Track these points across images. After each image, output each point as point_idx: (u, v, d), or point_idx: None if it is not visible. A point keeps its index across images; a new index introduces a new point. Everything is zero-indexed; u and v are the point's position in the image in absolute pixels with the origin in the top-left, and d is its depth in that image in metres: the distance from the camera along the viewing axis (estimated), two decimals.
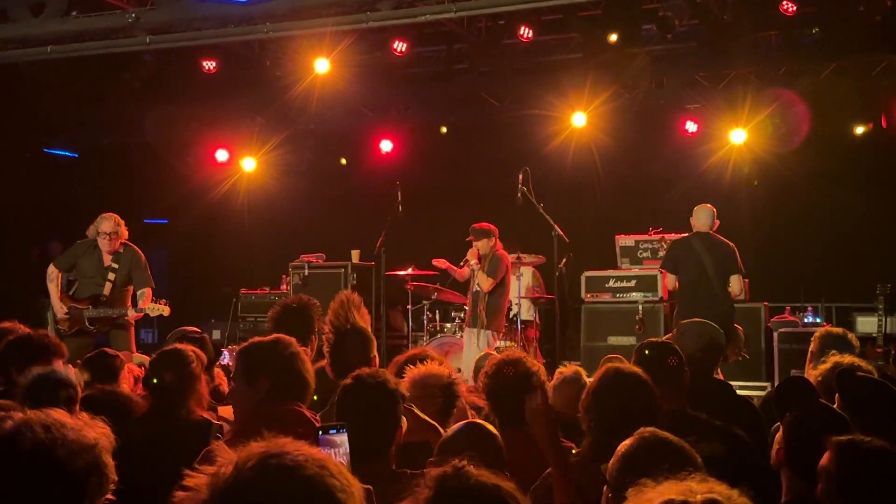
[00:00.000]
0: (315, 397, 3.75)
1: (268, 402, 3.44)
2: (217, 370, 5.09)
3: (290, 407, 3.42)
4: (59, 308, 7.60)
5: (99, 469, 1.85)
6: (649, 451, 2.40)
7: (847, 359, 3.86)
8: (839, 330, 5.32)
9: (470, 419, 3.64)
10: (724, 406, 4.00)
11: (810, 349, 4.84)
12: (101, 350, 5.13)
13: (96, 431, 1.90)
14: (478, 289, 8.66)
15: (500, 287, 8.69)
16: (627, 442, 2.50)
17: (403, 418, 3.15)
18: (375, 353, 4.14)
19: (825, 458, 2.59)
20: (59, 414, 1.88)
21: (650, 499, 1.76)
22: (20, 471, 1.80)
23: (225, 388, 4.82)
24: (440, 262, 9.00)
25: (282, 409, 3.37)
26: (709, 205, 7.87)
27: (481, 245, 8.62)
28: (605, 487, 2.47)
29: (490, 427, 3.09)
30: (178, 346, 4.05)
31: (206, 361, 4.03)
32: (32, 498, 1.79)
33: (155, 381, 3.84)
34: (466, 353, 8.56)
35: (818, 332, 5.04)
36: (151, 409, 3.84)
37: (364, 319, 4.18)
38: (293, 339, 3.64)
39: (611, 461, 2.48)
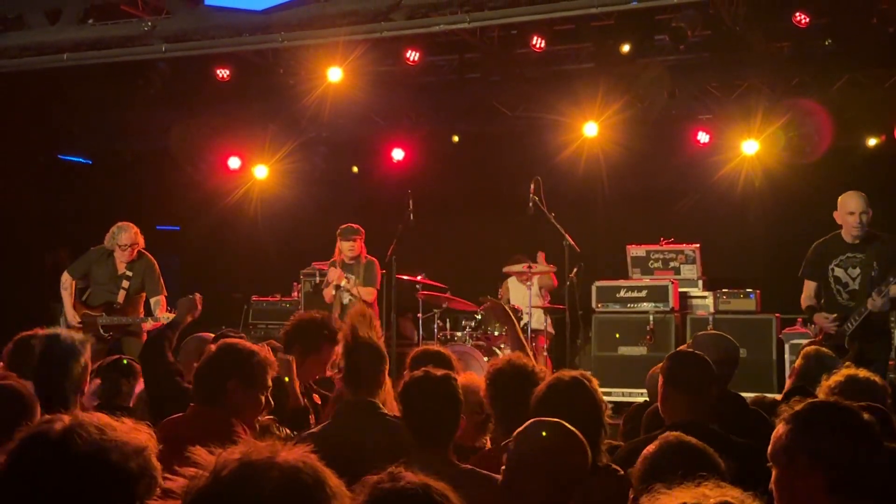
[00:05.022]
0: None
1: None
2: None
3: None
4: (72, 317, 7.64)
5: (149, 472, 1.85)
6: (672, 455, 2.42)
7: (862, 373, 3.85)
8: (825, 350, 5.31)
9: None
10: (736, 418, 4.00)
11: (797, 363, 4.89)
12: (120, 357, 5.19)
13: (142, 435, 1.90)
14: (349, 301, 8.33)
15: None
16: (652, 446, 2.52)
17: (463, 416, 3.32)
18: (386, 369, 4.13)
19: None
20: (104, 418, 1.88)
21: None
22: (74, 473, 1.78)
23: None
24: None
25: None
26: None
27: (357, 246, 8.37)
28: (629, 490, 2.50)
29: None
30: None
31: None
32: (86, 501, 1.78)
33: None
34: None
35: (806, 349, 5.06)
36: None
37: (377, 334, 4.19)
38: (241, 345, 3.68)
39: (636, 465, 2.50)
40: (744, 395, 4.74)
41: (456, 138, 11.73)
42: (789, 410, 2.59)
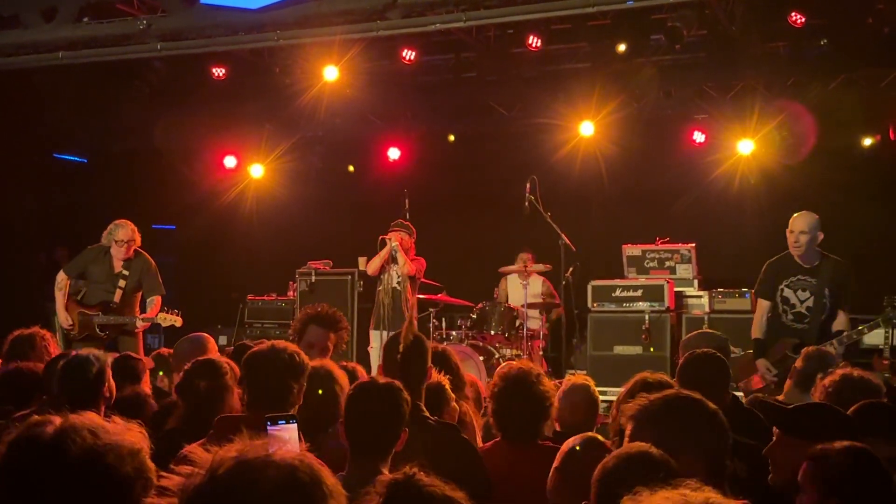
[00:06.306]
0: None
1: (245, 409, 3.48)
2: None
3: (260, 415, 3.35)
4: (63, 318, 7.61)
5: (144, 474, 1.83)
6: (633, 465, 2.39)
7: (857, 372, 3.87)
8: (826, 350, 5.38)
9: None
10: (730, 418, 3.99)
11: (798, 363, 4.97)
12: (126, 354, 5.20)
13: (134, 436, 1.88)
14: (396, 285, 8.40)
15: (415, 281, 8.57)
16: (610, 456, 2.50)
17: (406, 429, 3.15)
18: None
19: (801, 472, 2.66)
20: (96, 419, 1.86)
21: None
22: (69, 478, 1.76)
23: None
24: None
25: (251, 417, 3.30)
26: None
27: (403, 241, 8.44)
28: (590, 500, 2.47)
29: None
30: (213, 356, 3.93)
31: (238, 374, 3.86)
32: None
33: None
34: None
35: (806, 350, 5.15)
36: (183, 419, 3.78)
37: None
38: (288, 347, 3.57)
39: (594, 473, 2.47)
40: (738, 394, 4.76)
41: (452, 137, 11.74)
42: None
